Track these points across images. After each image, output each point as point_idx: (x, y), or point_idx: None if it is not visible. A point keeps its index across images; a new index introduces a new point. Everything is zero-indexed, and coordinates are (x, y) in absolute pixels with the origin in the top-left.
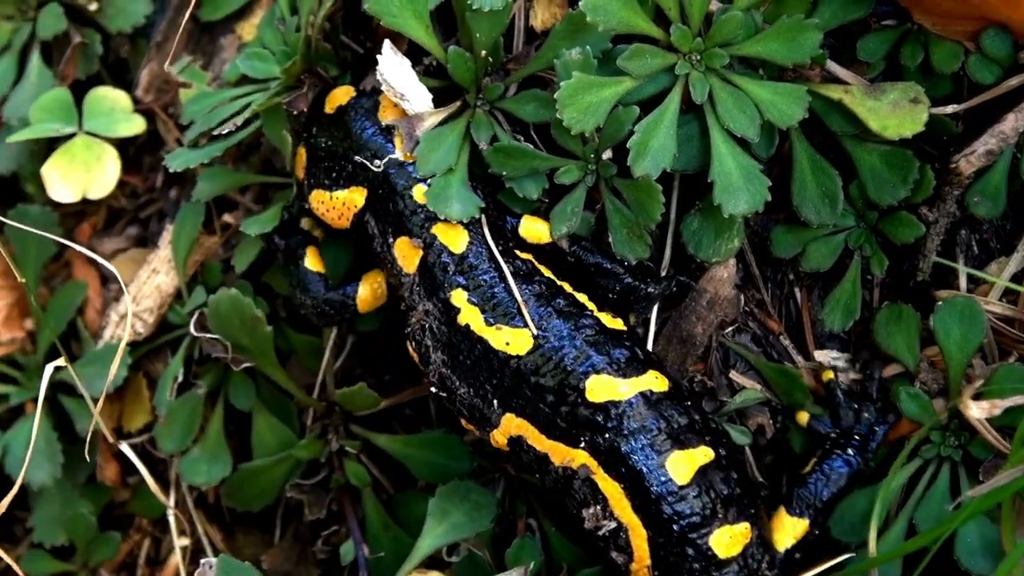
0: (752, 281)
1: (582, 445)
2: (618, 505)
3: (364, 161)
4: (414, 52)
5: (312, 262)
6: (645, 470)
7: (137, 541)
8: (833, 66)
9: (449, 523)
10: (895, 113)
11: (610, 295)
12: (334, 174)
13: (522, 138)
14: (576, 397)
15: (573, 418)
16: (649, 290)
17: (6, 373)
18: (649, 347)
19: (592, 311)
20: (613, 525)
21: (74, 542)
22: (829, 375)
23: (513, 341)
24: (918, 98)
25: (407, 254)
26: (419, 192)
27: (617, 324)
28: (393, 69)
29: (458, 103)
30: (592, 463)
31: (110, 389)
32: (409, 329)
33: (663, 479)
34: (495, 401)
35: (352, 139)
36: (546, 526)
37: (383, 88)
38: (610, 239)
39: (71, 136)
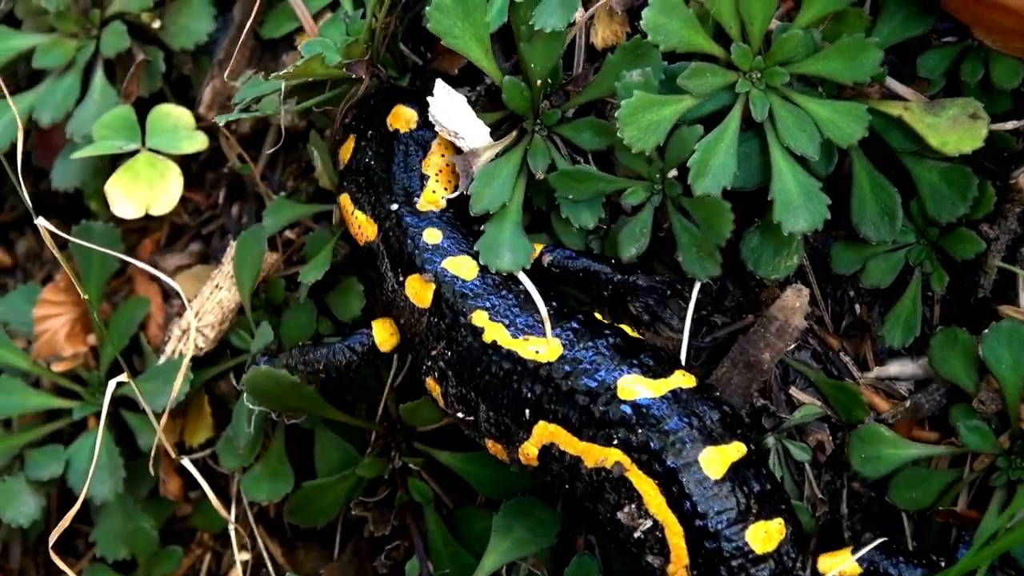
0: (812, 298)
1: (615, 443)
2: (653, 502)
3: (382, 201)
4: (473, 72)
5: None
6: (679, 466)
7: (199, 555)
8: (893, 83)
9: (513, 539)
10: (954, 129)
11: (604, 294)
12: (361, 194)
13: (581, 160)
14: (608, 396)
15: (606, 417)
16: (639, 282)
17: (69, 388)
18: (683, 358)
19: (613, 323)
20: (649, 524)
21: (136, 556)
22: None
23: (543, 349)
24: (978, 114)
25: (419, 290)
26: (430, 235)
27: (636, 335)
28: (446, 109)
29: (514, 133)
30: (625, 460)
31: (172, 405)
32: (429, 363)
33: (697, 475)
34: (527, 411)
35: (388, 171)
36: (606, 543)
37: (436, 128)
38: (679, 257)
39: (134, 153)
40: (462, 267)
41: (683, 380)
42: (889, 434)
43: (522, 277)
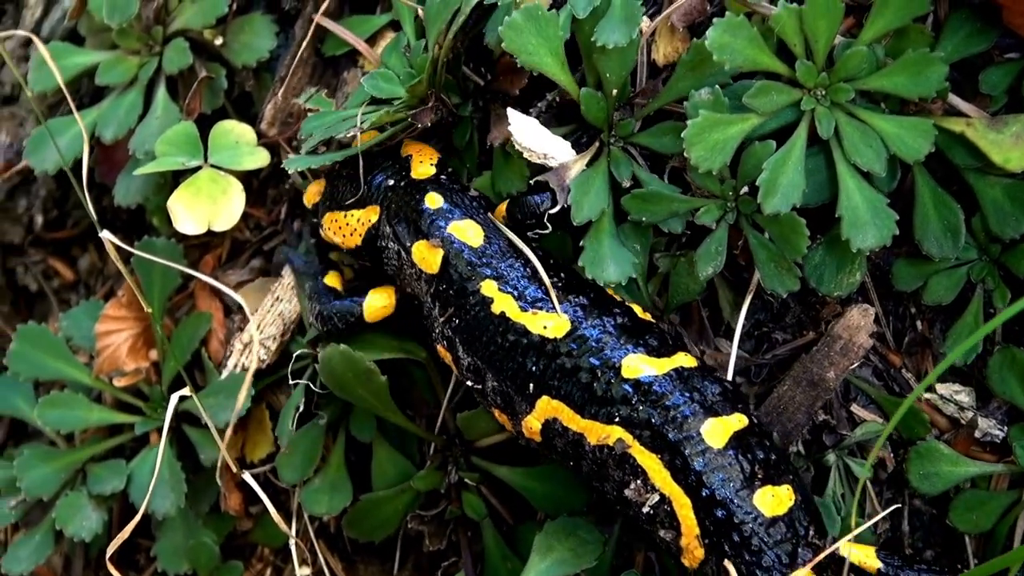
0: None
1: (617, 421)
2: (657, 476)
3: (376, 187)
4: (536, 90)
5: (331, 280)
6: (680, 438)
7: (259, 570)
8: (955, 99)
9: (553, 559)
10: (1017, 145)
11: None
12: (350, 196)
13: (657, 174)
14: (611, 375)
15: (608, 395)
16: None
17: (131, 403)
18: (730, 375)
19: (623, 301)
20: (656, 498)
21: (197, 571)
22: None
23: (551, 325)
24: None
25: (426, 256)
26: (431, 200)
27: (647, 316)
28: (527, 133)
29: (596, 145)
30: (628, 437)
31: (235, 419)
32: (438, 330)
33: (700, 446)
34: (531, 385)
35: (374, 166)
36: (665, 559)
37: (525, 155)
38: (758, 274)
39: (196, 169)
40: (468, 232)
41: (685, 360)
42: (947, 451)
43: (528, 253)
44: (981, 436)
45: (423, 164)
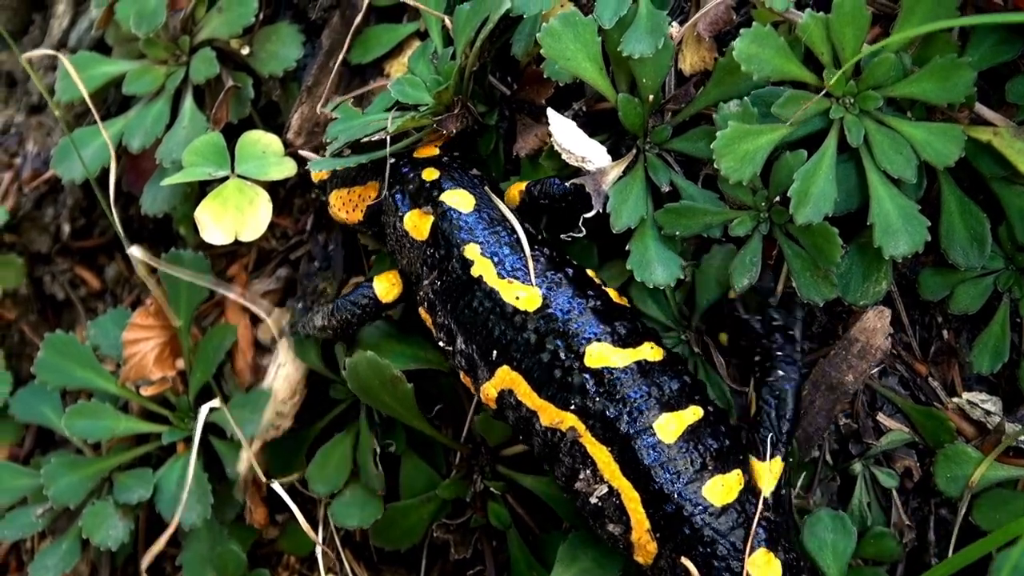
0: (899, 324)
1: (572, 408)
2: (607, 469)
3: (377, 163)
4: (562, 100)
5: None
6: (632, 432)
7: None
8: (982, 108)
9: (577, 568)
10: None
11: (562, 205)
12: (353, 174)
13: (692, 181)
14: (574, 361)
15: (567, 380)
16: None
17: (157, 412)
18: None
19: (600, 284)
20: (604, 489)
21: None
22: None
23: (524, 297)
24: None
25: (417, 223)
26: (428, 174)
27: (622, 301)
28: (567, 135)
29: (633, 151)
30: (580, 427)
31: (263, 433)
32: (422, 293)
33: (651, 440)
34: (494, 352)
35: (378, 148)
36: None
37: (563, 156)
38: (793, 284)
39: (224, 179)
40: (458, 200)
41: (650, 353)
42: (975, 454)
43: (514, 222)
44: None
45: (427, 145)
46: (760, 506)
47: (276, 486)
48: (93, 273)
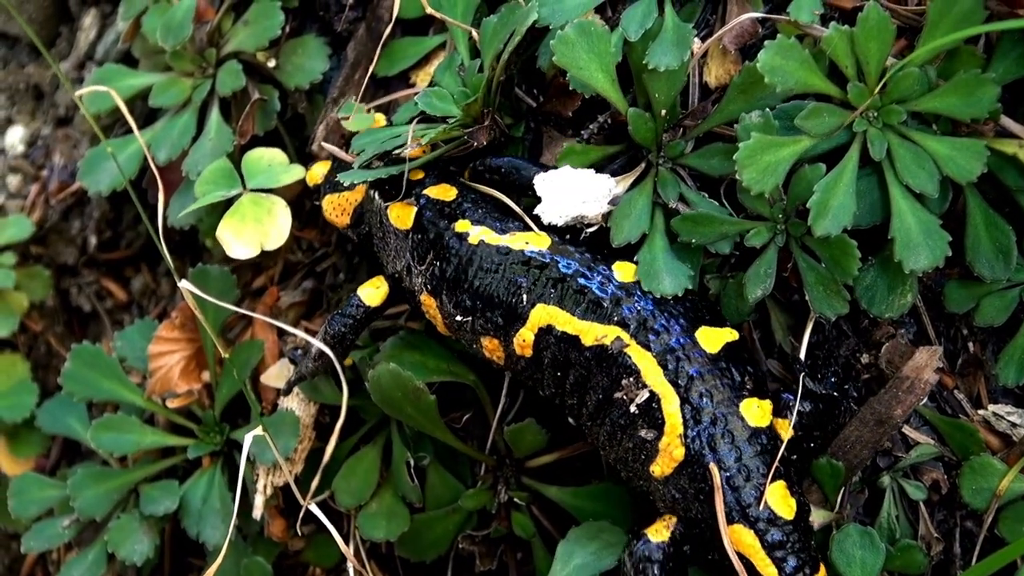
0: (925, 336)
1: (615, 321)
2: (650, 375)
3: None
4: (588, 112)
5: None
6: (676, 340)
7: None
8: (1007, 121)
9: (574, 565)
10: None
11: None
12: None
13: (706, 194)
14: (606, 279)
15: (604, 297)
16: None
17: (183, 425)
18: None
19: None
20: (646, 395)
21: None
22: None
23: (531, 240)
24: None
25: (400, 214)
26: (414, 174)
27: None
28: (558, 192)
29: (642, 166)
30: (625, 336)
31: (289, 452)
32: (420, 281)
33: (694, 349)
34: (524, 297)
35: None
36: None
37: (558, 222)
38: (807, 297)
39: (238, 196)
40: (439, 191)
41: None
42: (1001, 466)
43: (497, 194)
44: None
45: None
46: (785, 442)
47: (312, 506)
48: (119, 285)
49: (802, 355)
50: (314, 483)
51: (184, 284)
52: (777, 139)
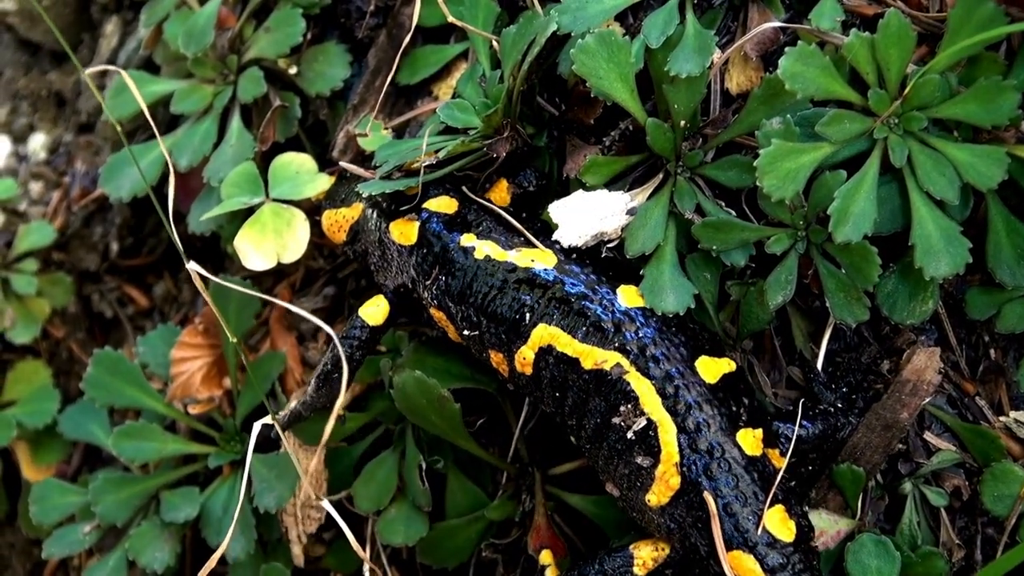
0: (947, 343)
1: (615, 347)
2: (648, 402)
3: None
4: (610, 120)
5: None
6: (675, 369)
7: None
8: None
9: None
10: None
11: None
12: (342, 196)
13: (723, 203)
14: (608, 303)
15: (606, 321)
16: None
17: (205, 432)
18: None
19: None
20: (644, 422)
21: None
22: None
23: (537, 258)
24: None
25: (404, 230)
26: (411, 190)
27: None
28: (575, 214)
29: (659, 176)
30: (625, 362)
31: (317, 460)
32: (428, 296)
33: (692, 378)
34: (527, 315)
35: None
36: None
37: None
38: (827, 303)
39: (259, 205)
40: (441, 204)
41: None
42: (1022, 473)
43: (499, 211)
44: None
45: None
46: (782, 470)
47: (326, 505)
48: (141, 291)
49: (820, 362)
50: (324, 482)
51: (192, 265)
52: (798, 145)
